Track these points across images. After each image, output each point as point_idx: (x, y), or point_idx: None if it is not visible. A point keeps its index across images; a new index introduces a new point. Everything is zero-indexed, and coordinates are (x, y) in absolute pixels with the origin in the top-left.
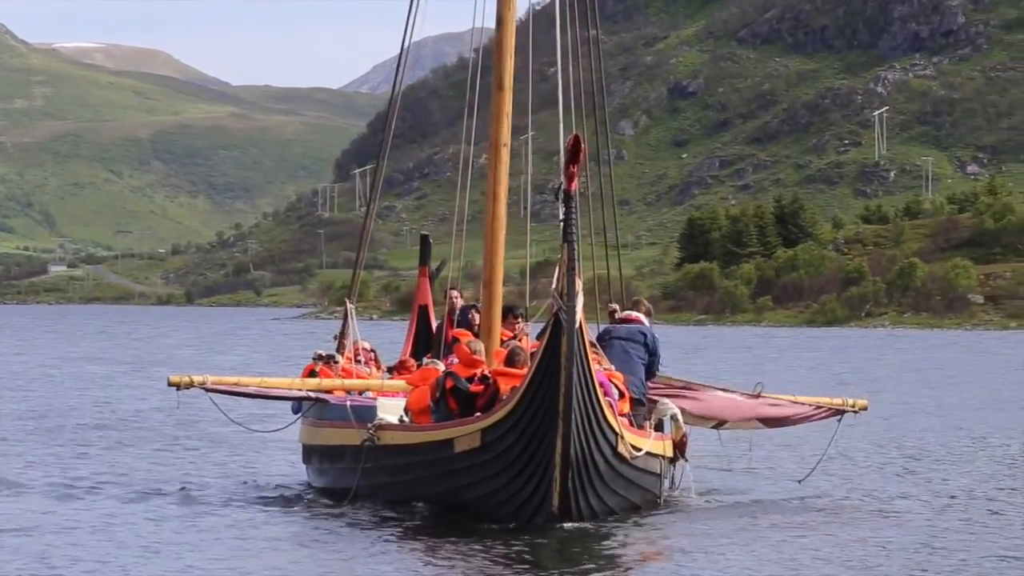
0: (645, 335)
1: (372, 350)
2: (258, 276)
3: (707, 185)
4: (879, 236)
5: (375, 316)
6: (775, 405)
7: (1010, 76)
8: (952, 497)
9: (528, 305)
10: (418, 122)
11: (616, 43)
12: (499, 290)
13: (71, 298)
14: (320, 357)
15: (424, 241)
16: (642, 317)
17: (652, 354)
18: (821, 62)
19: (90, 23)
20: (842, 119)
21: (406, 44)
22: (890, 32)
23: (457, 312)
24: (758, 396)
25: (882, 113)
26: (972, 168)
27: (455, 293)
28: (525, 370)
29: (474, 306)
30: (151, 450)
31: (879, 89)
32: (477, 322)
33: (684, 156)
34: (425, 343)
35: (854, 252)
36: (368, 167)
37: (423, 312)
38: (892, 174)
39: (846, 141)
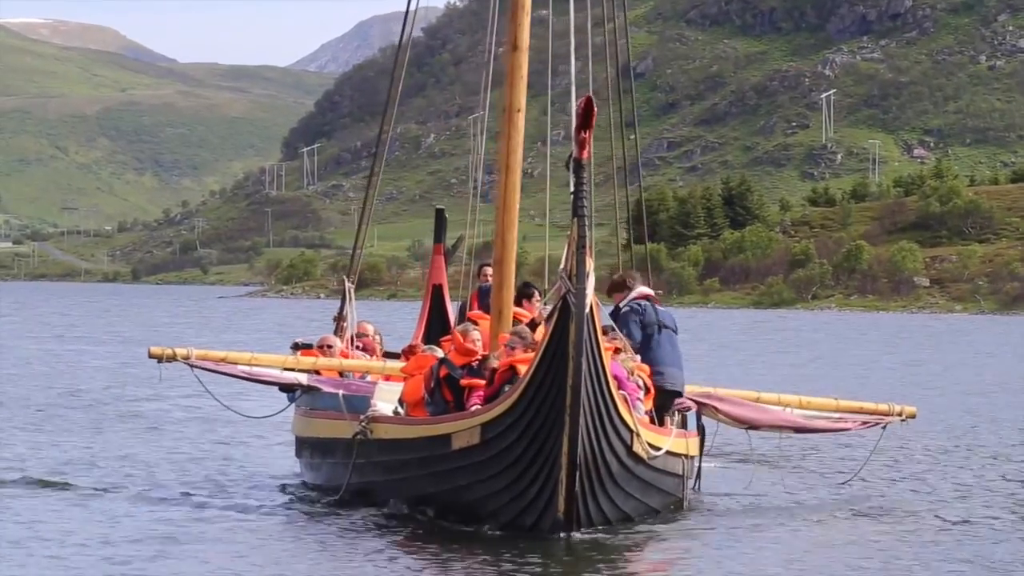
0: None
1: (377, 333)
2: (205, 254)
3: (655, 167)
4: (826, 218)
5: (322, 295)
6: (812, 418)
7: (956, 60)
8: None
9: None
10: (367, 101)
11: (565, 23)
12: (511, 269)
13: (16, 275)
14: (297, 346)
15: (439, 216)
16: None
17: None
18: (769, 44)
19: None
20: (790, 101)
21: (412, 7)
22: (838, 15)
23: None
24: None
25: (830, 95)
26: (919, 151)
27: (489, 270)
28: (530, 354)
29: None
30: (124, 436)
31: (827, 72)
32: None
33: (632, 137)
34: (439, 326)
35: (801, 234)
36: (316, 144)
37: (437, 292)
38: (839, 157)
39: (793, 123)
